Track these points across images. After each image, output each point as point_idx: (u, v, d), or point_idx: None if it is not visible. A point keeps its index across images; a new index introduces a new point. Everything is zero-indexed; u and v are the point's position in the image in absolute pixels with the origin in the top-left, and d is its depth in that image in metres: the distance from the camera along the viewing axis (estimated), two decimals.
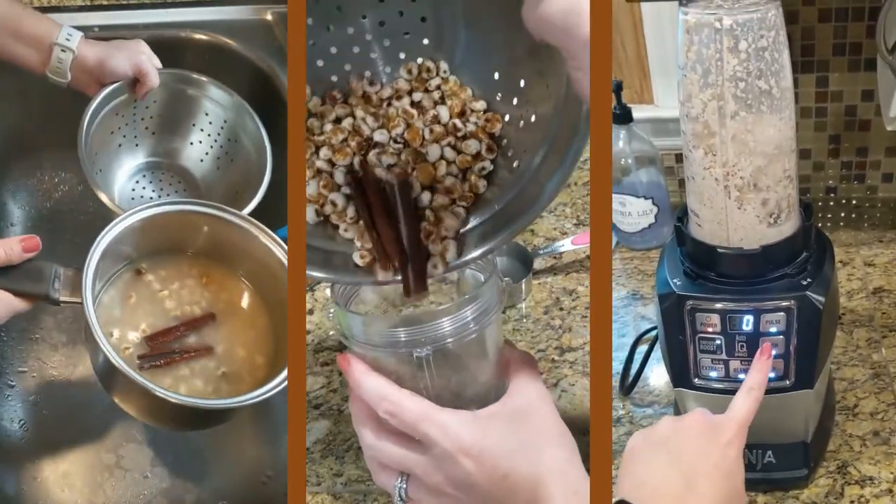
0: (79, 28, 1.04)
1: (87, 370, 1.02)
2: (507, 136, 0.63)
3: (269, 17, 1.17)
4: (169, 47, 1.11)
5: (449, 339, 0.58)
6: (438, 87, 0.64)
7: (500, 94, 0.63)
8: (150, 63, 0.94)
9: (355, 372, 0.59)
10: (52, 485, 0.92)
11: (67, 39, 0.88)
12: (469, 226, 0.61)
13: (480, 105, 0.64)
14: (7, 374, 1.00)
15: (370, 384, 0.58)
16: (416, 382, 0.59)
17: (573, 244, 1.02)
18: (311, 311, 1.01)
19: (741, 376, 0.69)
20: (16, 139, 1.14)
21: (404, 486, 0.58)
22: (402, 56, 0.64)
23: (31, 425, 0.97)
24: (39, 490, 0.92)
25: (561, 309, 0.97)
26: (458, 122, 0.63)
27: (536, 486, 0.55)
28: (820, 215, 1.12)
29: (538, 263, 1.02)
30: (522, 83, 0.61)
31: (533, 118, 0.60)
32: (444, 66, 0.65)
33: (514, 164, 0.61)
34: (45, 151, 1.15)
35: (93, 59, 0.90)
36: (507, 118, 0.63)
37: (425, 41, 0.64)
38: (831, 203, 1.16)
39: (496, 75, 0.63)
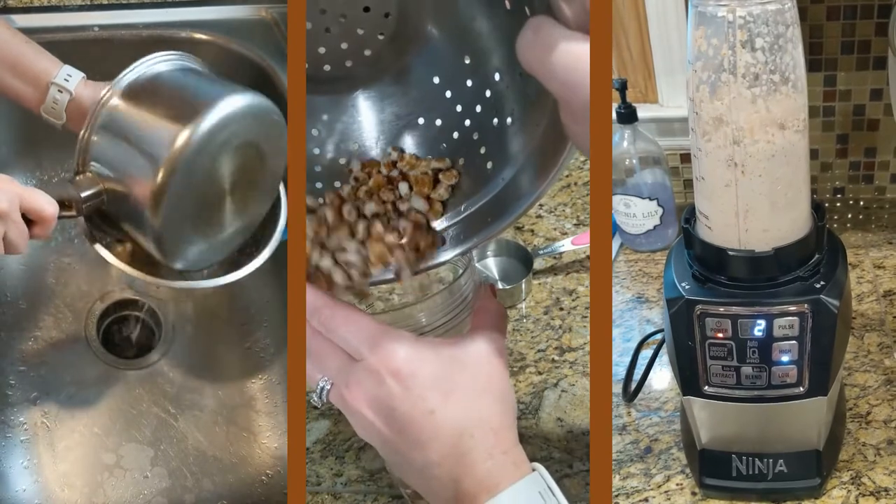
0: (79, 28, 1.03)
1: (88, 369, 1.02)
2: (480, 133, 0.60)
3: (269, 16, 1.16)
4: (169, 47, 1.10)
5: (426, 332, 0.57)
6: (395, 165, 0.62)
7: (470, 81, 0.59)
8: None
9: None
10: (52, 485, 0.93)
11: (66, 80, 0.85)
12: (441, 226, 0.60)
13: (446, 163, 0.61)
14: (7, 374, 1.00)
15: (309, 295, 0.54)
16: None
17: (573, 244, 1.02)
18: None
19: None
20: (16, 138, 1.13)
21: (328, 387, 0.53)
22: (368, 53, 0.60)
23: (31, 425, 0.96)
24: (39, 490, 0.92)
25: (561, 309, 0.97)
26: (435, 195, 0.60)
27: (461, 434, 0.51)
28: (827, 216, 1.11)
29: (538, 263, 1.02)
30: (497, 76, 0.58)
31: (510, 121, 0.57)
32: (379, 149, 0.62)
33: (488, 166, 0.59)
34: (45, 150, 1.15)
35: (91, 103, 0.87)
36: (478, 109, 0.59)
37: (380, 36, 0.60)
38: (839, 204, 1.15)
39: (466, 60, 0.59)
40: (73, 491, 0.93)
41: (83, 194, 0.77)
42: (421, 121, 0.62)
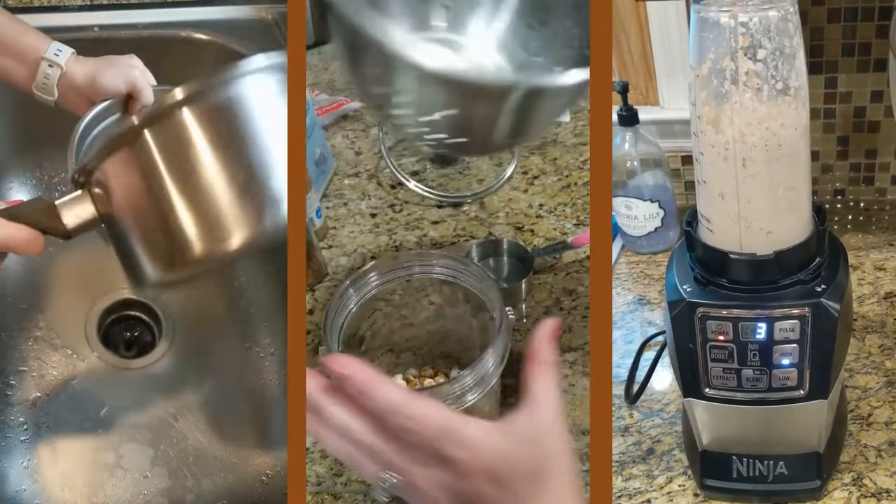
0: (79, 28, 1.02)
1: (87, 370, 1.03)
2: None
3: (268, 16, 1.16)
4: (169, 47, 1.11)
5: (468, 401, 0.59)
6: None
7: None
8: (143, 79, 0.90)
9: (363, 378, 0.51)
10: (52, 485, 0.93)
11: (56, 54, 0.84)
12: None
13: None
14: (7, 374, 1.00)
15: (382, 393, 0.51)
16: None
17: (573, 244, 1.01)
18: (311, 312, 1.00)
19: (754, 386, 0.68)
20: (16, 138, 1.13)
21: (395, 480, 0.51)
22: None
23: (31, 425, 0.96)
24: (39, 490, 0.92)
25: (561, 309, 0.97)
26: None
27: None
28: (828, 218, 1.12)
29: (538, 263, 1.02)
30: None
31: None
32: None
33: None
34: (45, 150, 1.15)
35: (82, 77, 0.84)
36: None
37: None
38: (839, 206, 1.14)
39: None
40: (73, 491, 0.93)
41: (71, 225, 0.63)
42: None
